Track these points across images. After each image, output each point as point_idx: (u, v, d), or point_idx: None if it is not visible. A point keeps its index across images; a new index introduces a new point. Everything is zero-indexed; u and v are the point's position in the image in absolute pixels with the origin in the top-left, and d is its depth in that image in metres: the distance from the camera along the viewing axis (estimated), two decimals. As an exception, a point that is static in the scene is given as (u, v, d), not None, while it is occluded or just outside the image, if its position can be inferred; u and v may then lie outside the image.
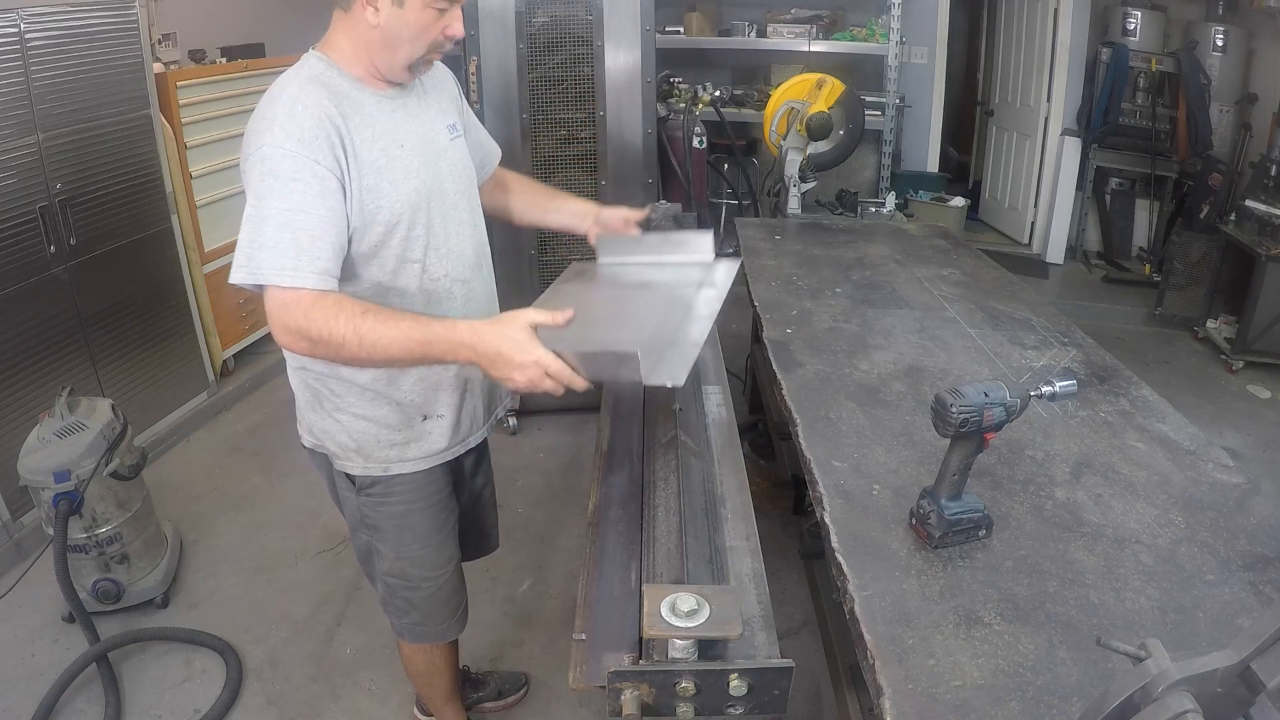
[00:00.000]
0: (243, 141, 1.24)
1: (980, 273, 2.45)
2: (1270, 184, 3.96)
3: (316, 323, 1.18)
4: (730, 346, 2.48)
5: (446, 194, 1.42)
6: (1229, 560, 1.18)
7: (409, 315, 1.22)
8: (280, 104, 1.21)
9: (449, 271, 1.43)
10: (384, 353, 1.19)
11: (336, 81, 1.28)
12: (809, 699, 2.06)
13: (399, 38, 1.26)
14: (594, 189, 3.11)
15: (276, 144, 1.18)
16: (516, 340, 1.17)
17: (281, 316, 1.20)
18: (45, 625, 2.34)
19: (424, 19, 1.25)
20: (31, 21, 2.53)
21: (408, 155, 1.33)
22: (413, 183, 1.33)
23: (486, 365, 1.19)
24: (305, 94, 1.22)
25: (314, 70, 1.28)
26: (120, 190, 2.95)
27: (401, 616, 1.64)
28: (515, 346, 1.16)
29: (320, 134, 1.20)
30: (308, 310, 1.18)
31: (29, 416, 2.45)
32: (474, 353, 1.19)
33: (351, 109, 1.27)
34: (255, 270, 1.18)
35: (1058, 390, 1.18)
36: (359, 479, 1.48)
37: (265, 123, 1.20)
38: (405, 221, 1.33)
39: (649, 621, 0.91)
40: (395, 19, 1.24)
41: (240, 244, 1.19)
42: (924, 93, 5.17)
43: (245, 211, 1.20)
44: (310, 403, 1.46)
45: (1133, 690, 0.70)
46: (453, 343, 1.20)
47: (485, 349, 1.18)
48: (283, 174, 1.18)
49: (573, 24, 2.91)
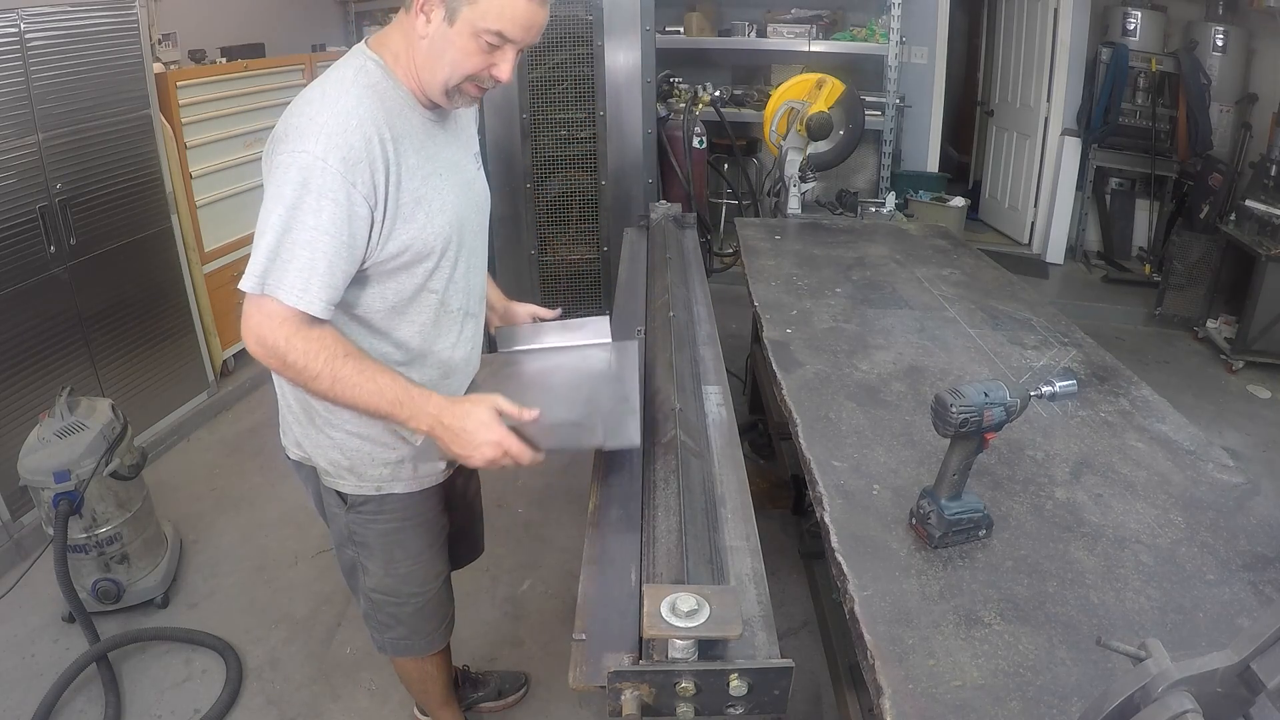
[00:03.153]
0: (278, 131, 1.19)
1: (980, 273, 2.45)
2: (1270, 184, 3.96)
3: (296, 349, 1.17)
4: (730, 346, 2.47)
5: (472, 227, 1.39)
6: (1229, 560, 1.18)
7: (387, 371, 1.22)
8: (334, 112, 1.16)
9: (463, 305, 1.41)
10: (351, 400, 1.20)
11: (391, 96, 1.23)
12: (809, 699, 2.06)
13: (441, 57, 1.20)
14: (594, 189, 3.11)
15: (320, 155, 1.13)
16: (481, 420, 1.20)
17: (262, 328, 1.17)
18: (45, 625, 2.33)
19: (469, 47, 1.19)
20: (31, 21, 2.53)
21: (445, 185, 1.30)
22: (448, 214, 1.30)
23: (448, 439, 1.22)
24: (362, 108, 1.17)
25: (371, 77, 1.22)
26: (120, 190, 2.95)
27: (384, 631, 1.61)
28: (480, 425, 1.20)
29: (365, 159, 1.16)
30: (290, 335, 1.16)
31: (29, 416, 2.45)
32: (439, 425, 1.21)
33: (403, 131, 1.23)
34: (265, 282, 1.15)
35: (1058, 390, 1.18)
36: (350, 497, 1.45)
37: (312, 127, 1.15)
38: (436, 253, 1.30)
39: (649, 621, 0.91)
40: (442, 36, 1.18)
41: (258, 250, 1.15)
42: (924, 93, 5.17)
43: (269, 215, 1.15)
44: (300, 417, 1.42)
45: (1133, 690, 0.70)
46: (421, 411, 1.21)
47: (451, 424, 1.20)
48: (319, 189, 1.13)
49: (573, 24, 2.91)
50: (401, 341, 1.35)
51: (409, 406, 1.21)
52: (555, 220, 3.17)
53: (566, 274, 3.27)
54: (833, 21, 5.11)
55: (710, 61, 5.32)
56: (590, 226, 3.19)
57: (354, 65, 1.24)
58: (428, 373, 1.39)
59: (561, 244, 3.20)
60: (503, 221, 3.02)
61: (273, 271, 1.15)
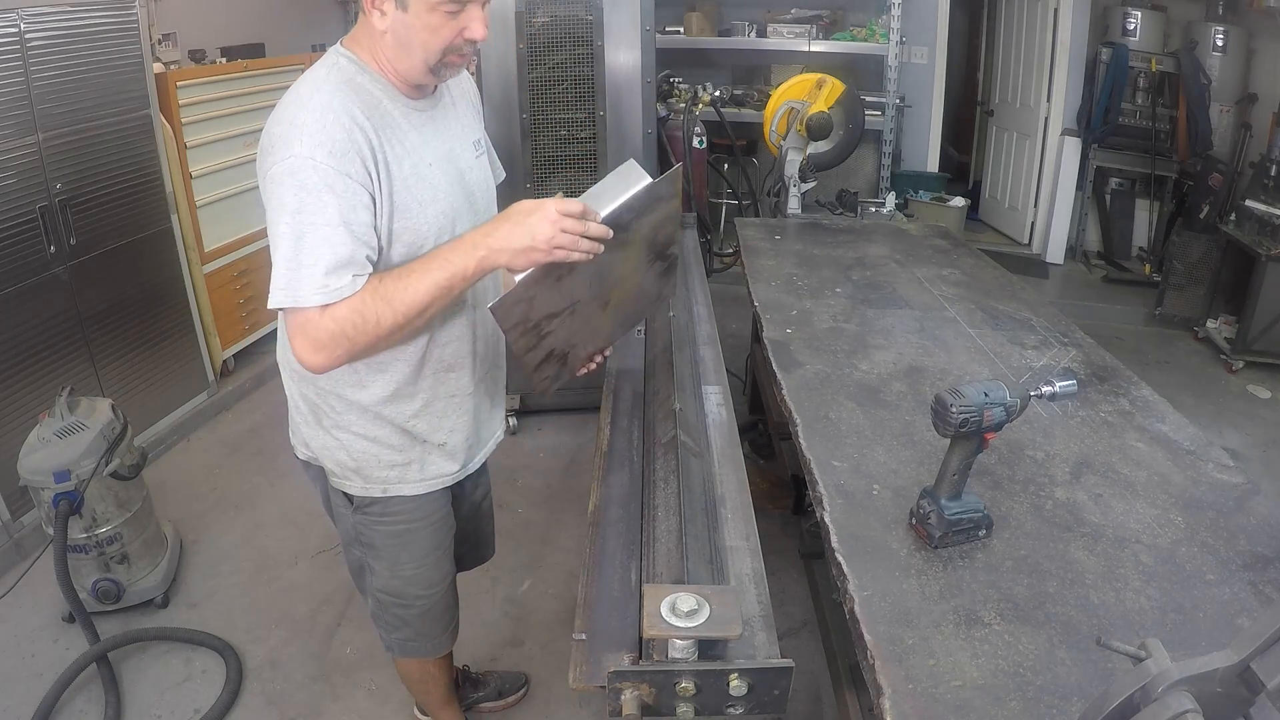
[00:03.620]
0: (264, 144, 1.18)
1: (980, 273, 2.45)
2: (1270, 184, 3.96)
3: (348, 322, 1.15)
4: (730, 346, 2.48)
5: (471, 215, 1.37)
6: (1229, 560, 1.18)
7: (418, 264, 1.20)
8: (310, 110, 1.15)
9: (466, 296, 1.39)
10: (419, 305, 1.19)
11: (368, 87, 1.22)
12: (809, 699, 2.06)
13: (409, 42, 1.19)
14: (594, 189, 3.11)
15: (307, 155, 1.12)
16: (521, 205, 1.18)
17: (307, 336, 1.16)
18: (45, 625, 2.33)
19: (432, 21, 1.17)
20: (31, 21, 2.52)
21: (435, 175, 1.29)
22: (440, 204, 1.29)
23: (504, 242, 1.17)
24: (336, 101, 1.17)
25: (345, 73, 1.21)
26: (120, 190, 2.94)
27: (392, 632, 1.62)
28: (523, 208, 1.18)
29: (352, 146, 1.15)
30: (335, 315, 1.15)
31: (29, 416, 2.45)
32: (491, 240, 1.18)
33: (383, 122, 1.21)
34: (295, 294, 1.14)
35: (1058, 390, 1.18)
36: (357, 499, 1.45)
37: (294, 131, 1.14)
38: (430, 243, 1.28)
39: (649, 621, 0.91)
40: (400, 23, 1.17)
41: (278, 265, 1.14)
42: (924, 93, 5.17)
43: (276, 227, 1.14)
44: (308, 418, 1.41)
45: (1133, 690, 0.70)
46: (470, 256, 1.18)
47: (498, 227, 1.18)
48: (315, 186, 1.13)
49: (573, 24, 2.91)
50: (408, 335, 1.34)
51: (457, 261, 1.18)
52: (555, 220, 3.18)
53: (566, 274, 3.27)
54: (833, 21, 5.11)
55: (710, 61, 5.33)
56: (590, 226, 3.19)
57: (327, 64, 1.23)
58: (434, 366, 1.39)
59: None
60: (503, 221, 3.00)
61: (297, 282, 1.14)
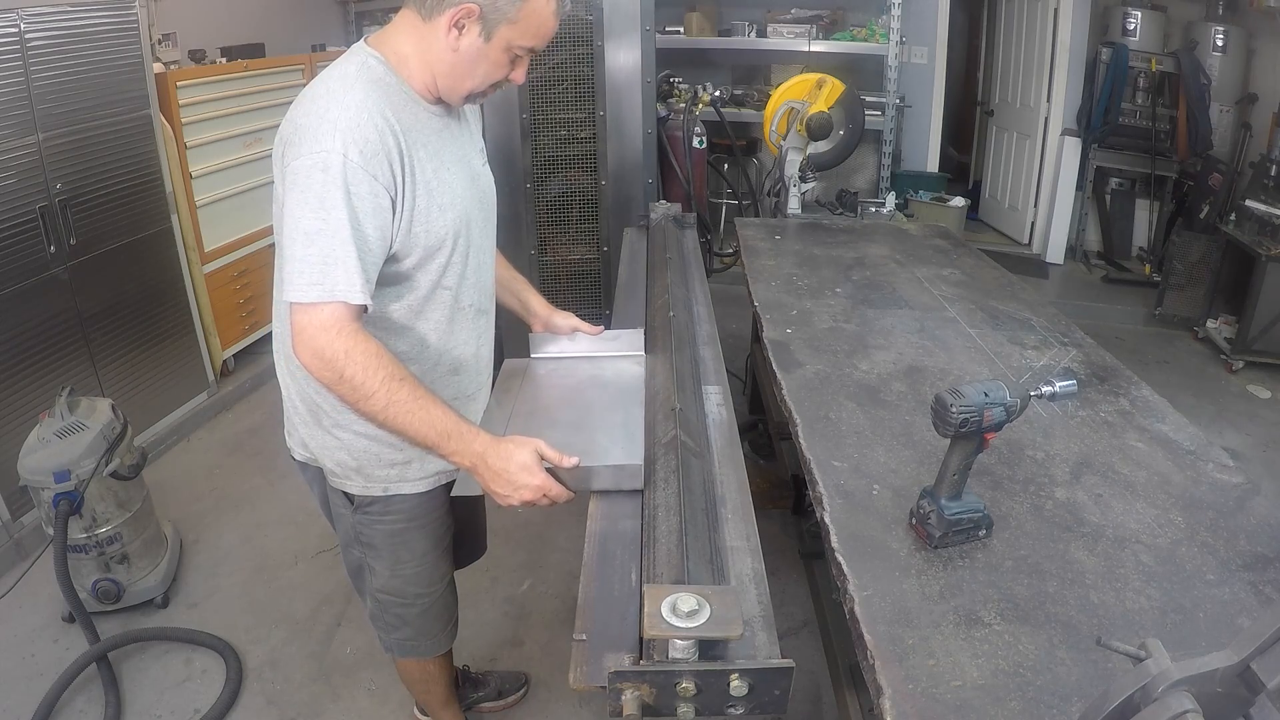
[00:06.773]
0: (287, 134, 1.19)
1: (980, 273, 2.45)
2: (1270, 184, 3.97)
3: (356, 364, 1.15)
4: (730, 346, 2.47)
5: (479, 221, 1.40)
6: (1229, 560, 1.17)
7: (439, 403, 1.22)
8: (344, 107, 1.16)
9: (474, 301, 1.42)
10: (399, 425, 1.20)
11: (396, 91, 1.24)
12: (809, 699, 2.06)
13: (471, 69, 1.24)
14: (594, 189, 3.11)
15: (340, 151, 1.13)
16: (524, 463, 1.22)
17: (318, 341, 1.15)
18: (45, 625, 2.34)
19: (500, 60, 1.24)
20: (31, 21, 2.53)
21: (453, 179, 1.31)
22: (457, 208, 1.31)
23: (489, 478, 1.23)
24: (371, 101, 1.18)
25: (374, 73, 1.23)
26: (120, 190, 2.95)
27: (391, 632, 1.62)
28: (521, 469, 1.21)
29: (382, 148, 1.17)
30: (350, 348, 1.15)
31: (29, 416, 2.45)
32: (483, 464, 1.22)
33: (410, 124, 1.23)
34: (332, 289, 1.13)
35: (1058, 390, 1.18)
36: (357, 498, 1.45)
37: (326, 124, 1.14)
38: (447, 248, 1.31)
39: (649, 622, 0.91)
40: (476, 51, 1.22)
41: (298, 259, 1.13)
42: (924, 93, 5.17)
43: (300, 221, 1.14)
44: (306, 418, 1.41)
45: (1133, 690, 0.70)
46: (467, 449, 1.22)
47: (494, 464, 1.22)
48: (345, 184, 1.13)
49: (573, 24, 2.91)
50: (419, 340, 1.36)
51: (456, 441, 1.22)
52: (555, 220, 3.17)
53: (566, 274, 3.27)
54: (833, 21, 5.11)
55: (710, 61, 5.33)
56: (590, 226, 3.19)
57: (356, 62, 1.24)
58: (439, 370, 1.40)
59: (561, 244, 3.19)
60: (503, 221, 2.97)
61: (323, 277, 1.14)
